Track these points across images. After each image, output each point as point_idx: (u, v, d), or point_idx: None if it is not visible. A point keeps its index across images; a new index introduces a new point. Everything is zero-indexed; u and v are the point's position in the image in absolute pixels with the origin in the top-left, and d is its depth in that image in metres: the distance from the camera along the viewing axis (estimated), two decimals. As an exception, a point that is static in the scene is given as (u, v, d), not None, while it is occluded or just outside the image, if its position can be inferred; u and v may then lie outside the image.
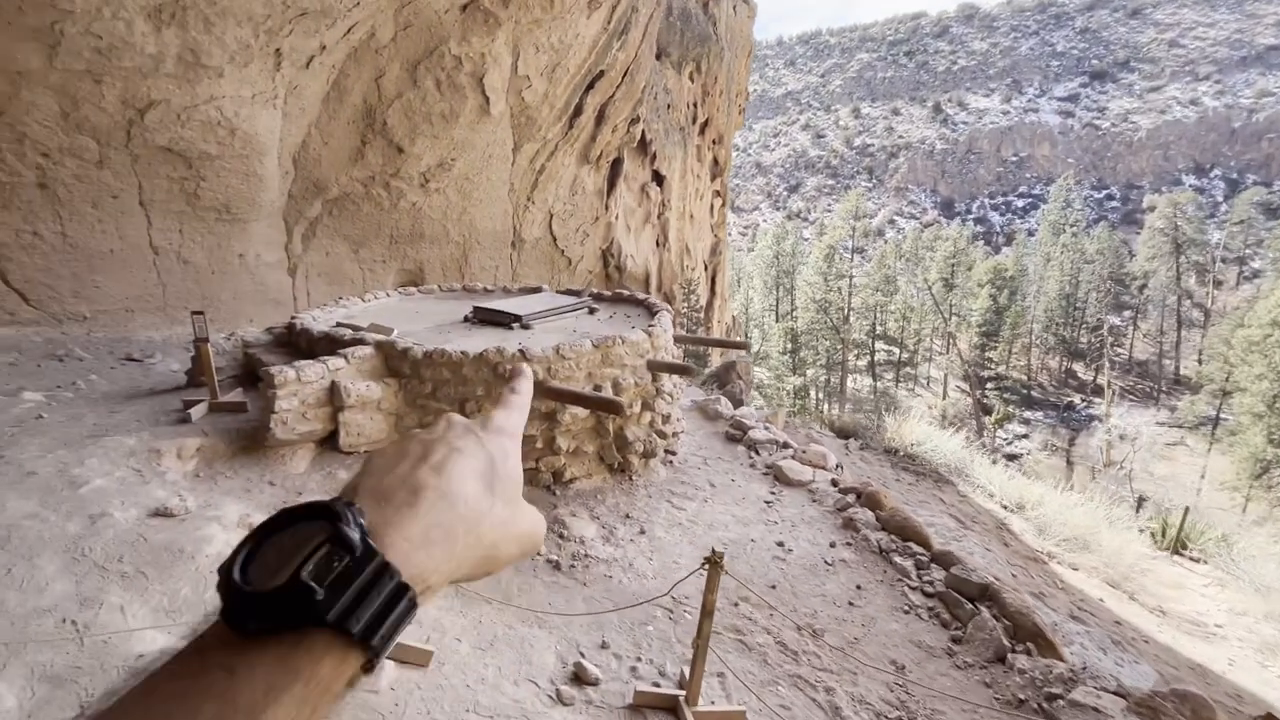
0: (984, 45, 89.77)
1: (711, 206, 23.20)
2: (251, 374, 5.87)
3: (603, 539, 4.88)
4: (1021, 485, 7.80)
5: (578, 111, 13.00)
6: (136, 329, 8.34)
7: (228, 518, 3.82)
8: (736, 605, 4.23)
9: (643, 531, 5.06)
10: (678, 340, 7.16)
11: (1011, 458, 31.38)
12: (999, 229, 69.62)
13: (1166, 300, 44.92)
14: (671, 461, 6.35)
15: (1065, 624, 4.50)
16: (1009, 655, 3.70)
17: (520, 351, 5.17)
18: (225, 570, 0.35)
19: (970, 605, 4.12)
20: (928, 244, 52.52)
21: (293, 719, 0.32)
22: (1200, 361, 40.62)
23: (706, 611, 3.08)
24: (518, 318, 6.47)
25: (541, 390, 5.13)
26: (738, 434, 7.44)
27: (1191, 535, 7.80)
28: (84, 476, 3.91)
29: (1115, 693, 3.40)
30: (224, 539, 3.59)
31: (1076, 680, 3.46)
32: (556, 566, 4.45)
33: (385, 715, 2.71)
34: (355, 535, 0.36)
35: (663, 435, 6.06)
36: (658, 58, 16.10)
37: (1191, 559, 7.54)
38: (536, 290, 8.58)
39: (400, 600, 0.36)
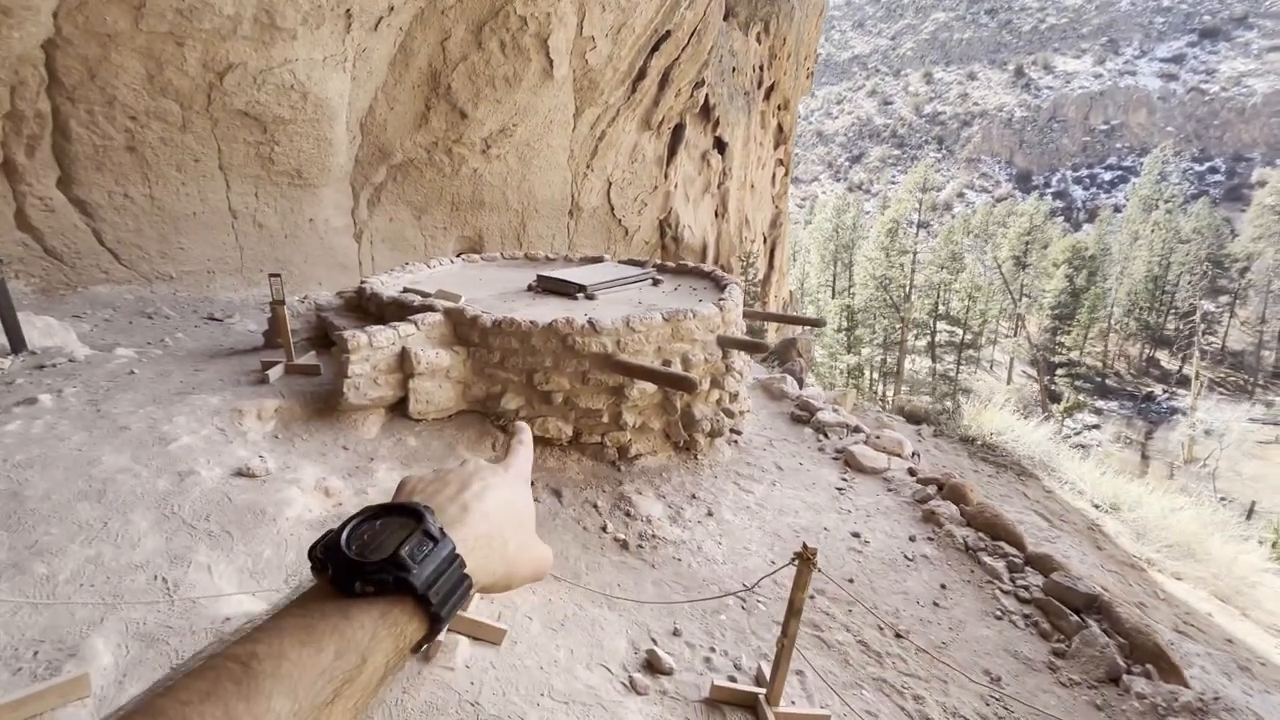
0: (1078, 1, 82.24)
1: (774, 176, 22.32)
2: (324, 337, 5.95)
3: (669, 519, 4.73)
4: (1117, 484, 7.19)
5: (641, 75, 12.55)
6: (217, 290, 8.65)
7: (305, 481, 3.85)
8: (813, 598, 4.01)
9: (710, 513, 4.89)
10: (747, 316, 6.86)
11: (1080, 449, 29.59)
12: (1081, 204, 64.67)
13: (1272, 285, 40.88)
14: (737, 442, 6.12)
15: (1181, 643, 4.08)
16: (1124, 676, 3.36)
17: (590, 323, 5.00)
18: (334, 544, 0.44)
19: (1076, 617, 3.76)
20: (1000, 219, 49.27)
21: (384, 662, 0.41)
22: (1307, 354, 36.91)
23: (794, 610, 2.87)
24: (582, 288, 6.30)
25: (611, 364, 4.96)
26: (804, 415, 7.13)
27: (1310, 548, 7.05)
28: (172, 434, 4.01)
29: (1253, 728, 3.03)
30: (303, 502, 3.62)
31: (1207, 711, 3.09)
32: (624, 546, 4.34)
33: (461, 694, 2.65)
34: (437, 529, 0.46)
35: (730, 414, 5.82)
36: (725, 18, 15.33)
37: (1310, 574, 6.82)
38: (598, 260, 8.39)
39: (463, 584, 0.46)
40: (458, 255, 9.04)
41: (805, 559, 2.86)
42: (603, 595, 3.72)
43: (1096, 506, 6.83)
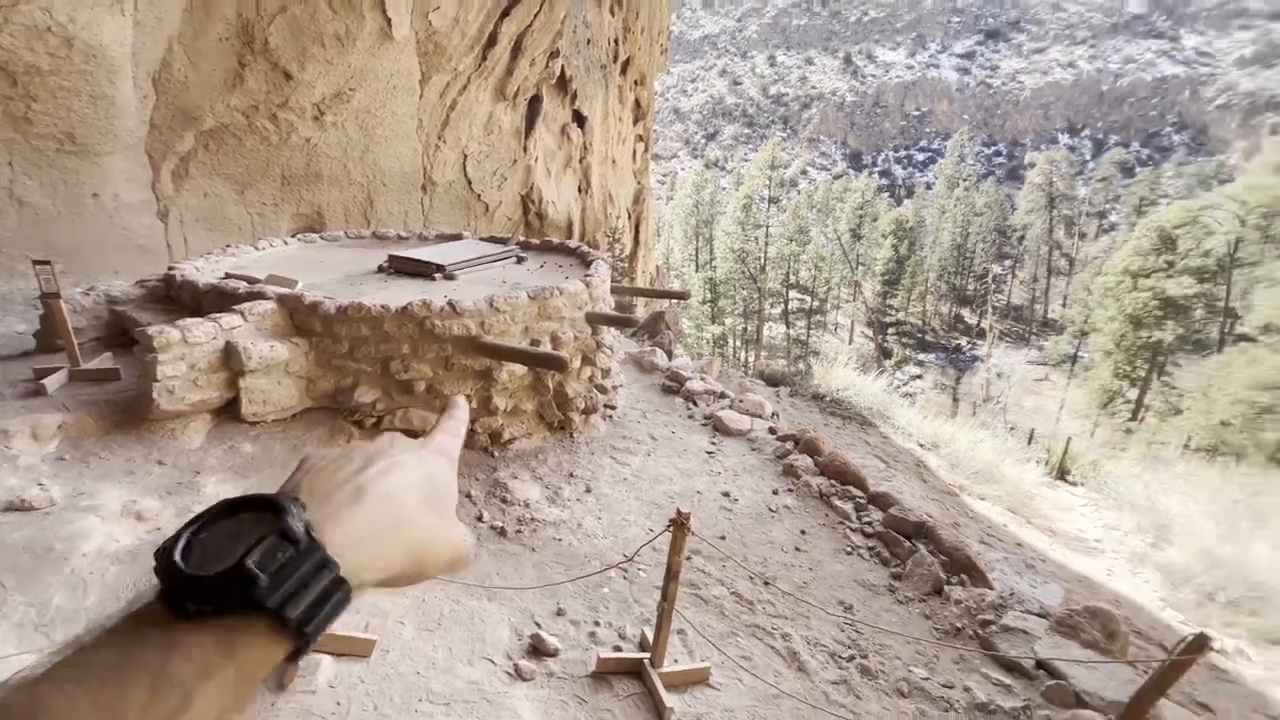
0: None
1: (634, 152, 22.52)
2: (123, 335, 5.02)
3: (548, 500, 4.68)
4: (935, 425, 8.37)
5: (492, 41, 11.91)
6: (-40, 283, 6.94)
7: (108, 507, 3.25)
8: (689, 559, 4.19)
9: (589, 490, 4.91)
10: (614, 290, 6.89)
11: (908, 396, 34.20)
12: (901, 182, 73.14)
13: (1040, 250, 49.56)
14: (612, 416, 6.18)
15: (986, 553, 4.87)
16: (945, 587, 3.94)
17: (450, 304, 4.71)
18: (165, 552, 0.36)
19: (908, 543, 4.33)
20: (838, 195, 54.36)
21: (220, 699, 0.33)
22: (1065, 305, 45.47)
23: (672, 574, 2.99)
24: (441, 267, 5.92)
25: (477, 347, 4.73)
26: (674, 385, 7.38)
27: (1071, 462, 8.74)
28: (-97, 468, 3.17)
29: (1038, 614, 3.71)
30: (104, 532, 3.05)
31: (1005, 606, 3.73)
32: (502, 533, 4.22)
33: (327, 718, 2.42)
34: (299, 528, 0.38)
35: (603, 390, 5.85)
36: (577, -15, 14.97)
37: (1072, 483, 8.47)
38: (457, 238, 7.93)
39: (336, 593, 0.38)
40: (293, 235, 8.06)
41: (679, 524, 2.97)
42: (481, 587, 3.60)
43: (921, 445, 7.90)
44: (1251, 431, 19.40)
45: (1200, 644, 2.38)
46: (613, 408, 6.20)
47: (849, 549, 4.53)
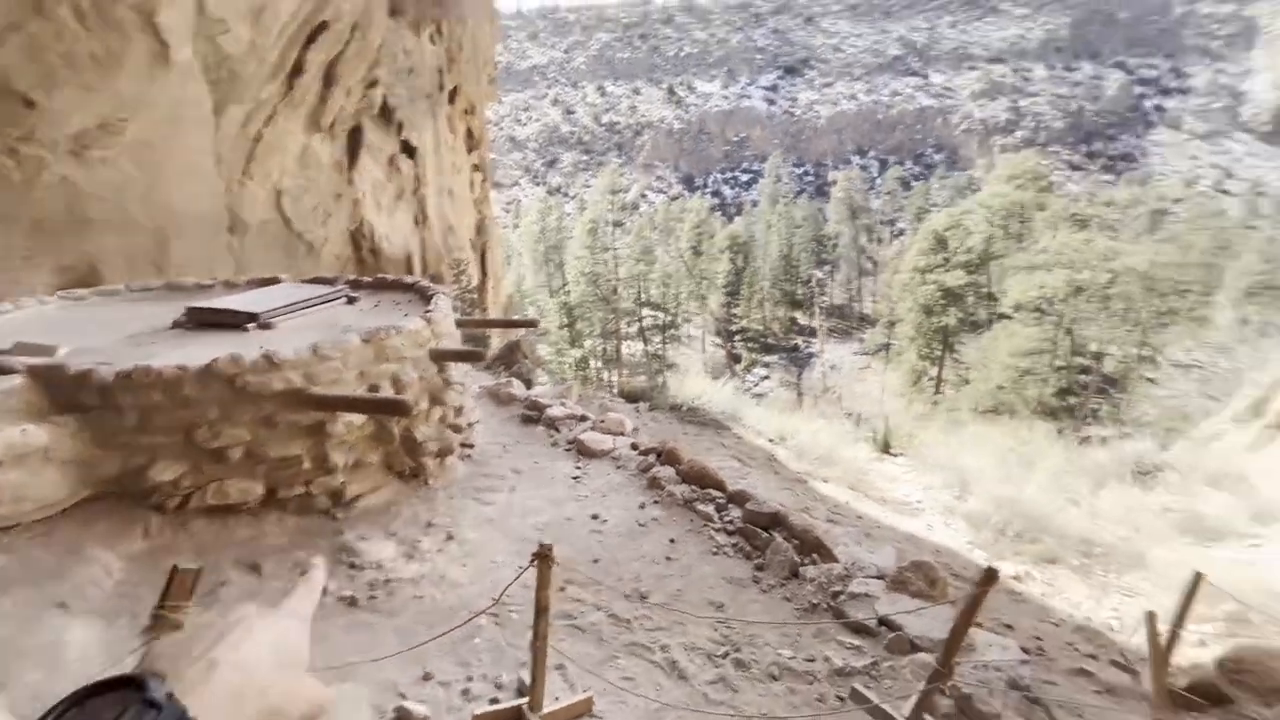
0: (704, 35, 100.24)
1: (473, 181, 22.05)
2: None
3: (405, 556, 4.33)
4: (781, 420, 9.14)
5: (298, 69, 11.01)
6: None
7: None
8: (563, 589, 4.11)
9: (450, 537, 4.63)
10: (460, 324, 6.64)
11: (759, 397, 37.11)
12: (730, 201, 79.71)
13: (851, 255, 56.84)
14: (470, 455, 5.92)
15: (832, 530, 5.38)
16: (800, 569, 4.28)
17: (266, 357, 4.21)
18: None
19: (765, 534, 4.65)
20: (676, 216, 57.83)
21: None
22: (875, 301, 52.47)
23: (541, 609, 2.90)
24: (253, 316, 5.28)
25: (304, 400, 4.28)
26: (535, 415, 7.26)
27: (893, 436, 10.02)
28: None
29: (876, 576, 4.18)
30: None
31: (850, 575, 4.15)
32: (353, 603, 3.81)
33: None
34: (161, 696, 0.42)
35: (457, 429, 5.59)
36: (393, 15, 14.42)
37: (894, 455, 9.70)
38: (273, 282, 7.15)
39: None
40: (56, 292, 6.71)
41: (543, 557, 2.91)
42: (333, 670, 3.21)
43: (771, 441, 8.57)
44: (1017, 391, 23.71)
45: (989, 577, 2.84)
46: (470, 446, 5.94)
47: (715, 549, 4.76)
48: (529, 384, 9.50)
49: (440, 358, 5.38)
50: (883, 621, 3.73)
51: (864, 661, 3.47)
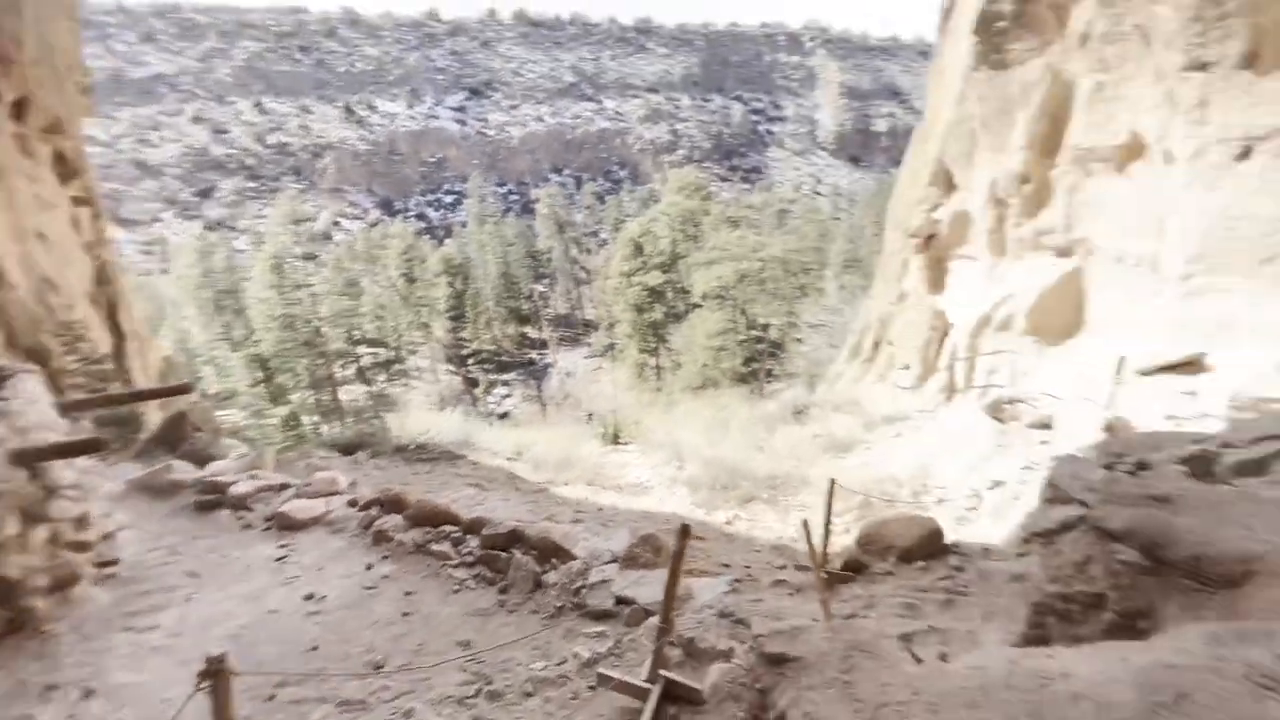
0: (377, 52, 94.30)
1: (77, 220, 16.86)
2: None
3: (8, 747, 3.08)
4: (516, 434, 9.16)
5: None
6: None
7: None
8: (273, 698, 3.43)
9: (89, 694, 3.45)
10: (68, 409, 5.00)
11: (504, 415, 36.88)
12: (438, 224, 76.93)
13: (565, 267, 60.19)
14: (113, 575, 4.52)
15: (575, 531, 5.58)
16: (541, 578, 4.33)
17: None
18: None
19: (506, 554, 4.58)
20: (379, 243, 53.42)
21: None
22: (594, 307, 56.61)
23: (226, 736, 2.35)
24: None
25: None
26: (214, 498, 5.92)
27: (621, 427, 10.92)
28: None
29: (611, 561, 4.47)
30: None
31: (589, 567, 4.36)
32: None
33: None
34: None
35: (82, 547, 4.20)
36: None
37: (624, 444, 10.58)
38: None
39: None
40: None
41: (215, 673, 2.36)
42: None
43: (509, 459, 8.54)
44: (716, 366, 28.15)
45: (684, 532, 3.27)
46: (111, 563, 4.53)
47: (456, 586, 4.51)
48: (205, 461, 7.69)
49: (32, 459, 3.96)
50: (620, 600, 4.01)
51: (608, 645, 3.67)
